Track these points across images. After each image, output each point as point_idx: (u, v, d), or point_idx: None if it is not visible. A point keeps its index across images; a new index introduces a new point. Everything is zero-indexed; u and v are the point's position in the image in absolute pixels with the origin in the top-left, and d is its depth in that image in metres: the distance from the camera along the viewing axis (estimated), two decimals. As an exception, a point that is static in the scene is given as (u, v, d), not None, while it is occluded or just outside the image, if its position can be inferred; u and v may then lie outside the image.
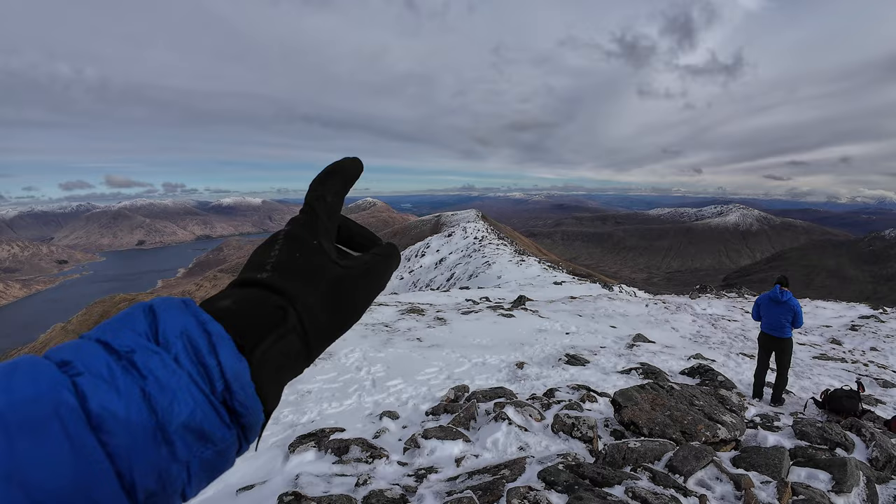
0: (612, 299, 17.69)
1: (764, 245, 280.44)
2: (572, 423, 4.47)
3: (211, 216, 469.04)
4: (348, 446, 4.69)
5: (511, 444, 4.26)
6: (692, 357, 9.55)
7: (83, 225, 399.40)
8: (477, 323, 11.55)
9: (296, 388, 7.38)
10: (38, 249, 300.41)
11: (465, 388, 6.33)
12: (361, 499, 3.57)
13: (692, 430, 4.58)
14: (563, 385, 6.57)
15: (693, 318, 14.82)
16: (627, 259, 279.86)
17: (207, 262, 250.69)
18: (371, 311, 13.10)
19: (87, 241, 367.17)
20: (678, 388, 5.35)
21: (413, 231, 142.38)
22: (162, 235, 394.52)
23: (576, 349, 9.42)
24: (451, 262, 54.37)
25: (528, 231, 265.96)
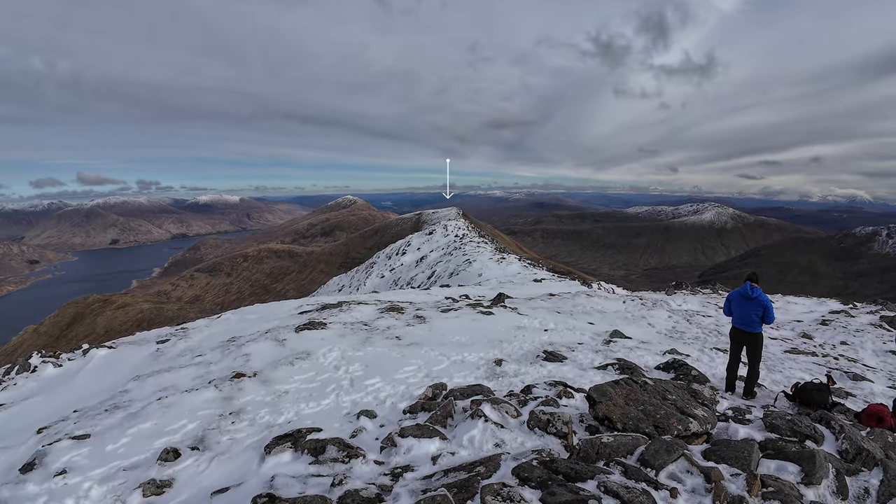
0: (591, 296, 17.91)
1: (738, 242, 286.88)
2: (547, 419, 4.53)
3: (187, 214, 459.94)
4: (325, 446, 4.68)
5: (487, 441, 4.30)
6: (667, 352, 9.74)
7: (55, 224, 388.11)
8: (456, 321, 11.59)
9: (273, 388, 7.32)
10: (9, 249, 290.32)
11: (442, 386, 6.36)
12: (336, 499, 3.58)
13: (665, 424, 4.67)
14: (541, 381, 6.66)
15: (669, 315, 15.09)
16: (606, 256, 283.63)
17: (184, 261, 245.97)
18: (350, 310, 13.05)
19: (58, 240, 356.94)
20: (652, 383, 5.46)
21: (393, 229, 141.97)
22: (136, 234, 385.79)
23: (554, 346, 9.53)
24: (432, 260, 54.39)
25: (509, 229, 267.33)
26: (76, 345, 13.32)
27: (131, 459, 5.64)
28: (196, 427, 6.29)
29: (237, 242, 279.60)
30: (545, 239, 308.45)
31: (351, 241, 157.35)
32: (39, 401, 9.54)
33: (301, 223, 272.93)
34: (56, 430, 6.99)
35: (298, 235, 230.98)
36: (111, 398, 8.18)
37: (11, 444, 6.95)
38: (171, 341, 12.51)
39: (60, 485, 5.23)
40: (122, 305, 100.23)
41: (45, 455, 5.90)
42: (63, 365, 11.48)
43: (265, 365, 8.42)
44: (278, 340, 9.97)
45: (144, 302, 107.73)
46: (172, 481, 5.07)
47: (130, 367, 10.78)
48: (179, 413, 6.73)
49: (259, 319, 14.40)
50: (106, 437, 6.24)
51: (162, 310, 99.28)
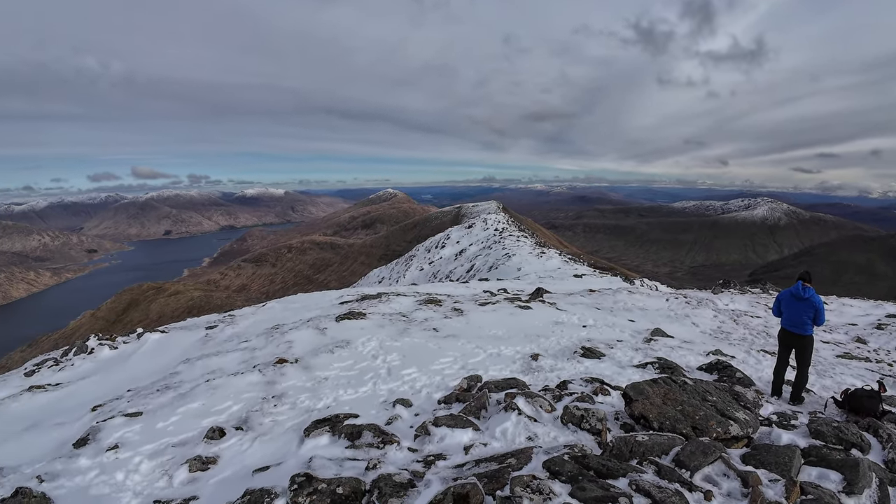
0: (633, 293, 17.52)
1: (792, 240, 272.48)
2: (581, 414, 4.50)
3: (235, 207, 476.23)
4: (361, 432, 4.81)
5: (520, 434, 4.32)
6: (711, 353, 9.44)
7: (112, 215, 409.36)
8: (494, 314, 11.60)
9: (313, 374, 7.56)
10: (69, 239, 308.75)
11: (478, 378, 6.41)
12: (370, 482, 3.68)
13: (703, 425, 4.56)
14: (577, 378, 6.59)
15: (714, 314, 14.60)
16: (650, 252, 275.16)
17: (231, 251, 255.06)
18: (389, 302, 13.25)
19: (115, 230, 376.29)
20: (691, 384, 5.32)
21: (433, 222, 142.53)
22: (188, 225, 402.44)
23: (592, 342, 9.40)
24: (471, 253, 54.35)
25: (549, 223, 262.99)
26: (131, 329, 14.07)
27: (180, 436, 5.94)
28: (240, 408, 6.57)
29: (282, 234, 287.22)
30: (587, 234, 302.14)
31: (391, 234, 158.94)
32: (95, 380, 10.15)
33: (343, 216, 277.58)
34: (110, 407, 7.43)
35: (340, 228, 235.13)
36: (163, 379, 8.62)
37: (66, 420, 7.43)
38: (219, 327, 13.05)
39: (112, 459, 5.55)
40: (173, 293, 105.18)
41: (99, 431, 6.27)
42: (118, 347, 12.16)
43: (306, 352, 8.69)
44: (319, 329, 10.25)
45: (195, 290, 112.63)
46: (217, 458, 5.32)
47: (181, 350, 11.31)
48: (225, 395, 7.04)
49: (301, 308, 14.82)
50: (157, 415, 6.60)
51: (211, 297, 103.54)
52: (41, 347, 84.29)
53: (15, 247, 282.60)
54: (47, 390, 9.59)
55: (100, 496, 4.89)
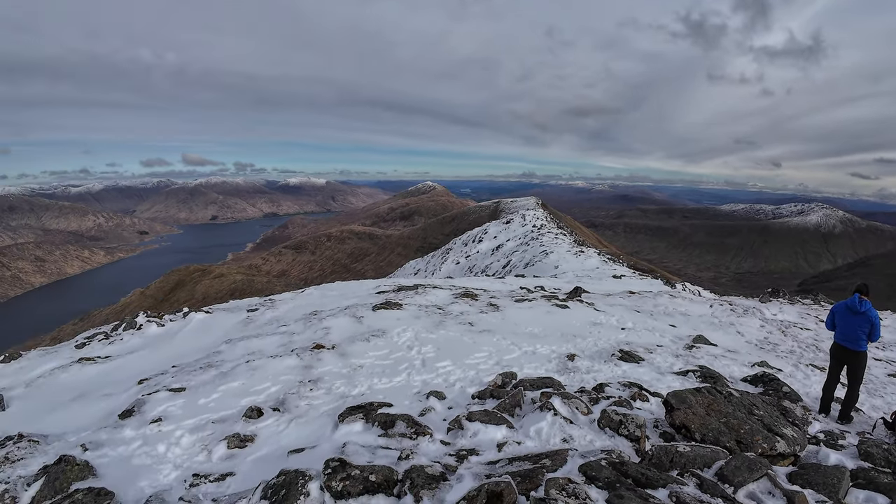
0: (674, 297, 17.00)
1: (846, 249, 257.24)
2: (620, 420, 4.38)
3: (278, 195, 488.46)
4: (394, 421, 4.83)
5: (555, 435, 4.24)
6: (756, 364, 9.06)
7: (163, 199, 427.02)
8: (530, 311, 11.47)
9: (349, 361, 7.66)
10: (122, 221, 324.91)
11: (512, 375, 6.35)
12: (403, 472, 3.69)
13: (748, 440, 4.37)
14: (614, 381, 6.44)
15: (761, 324, 14.00)
16: (694, 256, 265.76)
17: (273, 238, 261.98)
18: (425, 294, 13.29)
19: (165, 214, 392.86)
20: (737, 395, 5.11)
21: (471, 216, 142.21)
22: (233, 212, 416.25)
23: (630, 346, 9.17)
24: (508, 249, 54.03)
25: (589, 221, 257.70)
26: (177, 308, 14.61)
27: (220, 413, 6.12)
28: (278, 390, 6.72)
29: (322, 223, 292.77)
30: (627, 234, 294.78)
31: (429, 227, 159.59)
32: (143, 355, 10.56)
33: (382, 207, 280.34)
34: (155, 382, 7.72)
35: (379, 219, 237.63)
36: (206, 357, 8.91)
37: (114, 392, 7.75)
38: (260, 311, 13.39)
39: (155, 431, 5.74)
40: (218, 275, 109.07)
41: (144, 404, 6.52)
42: (165, 325, 12.65)
43: (343, 339, 8.82)
44: (356, 317, 10.38)
45: (238, 273, 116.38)
46: (254, 437, 5.45)
47: (223, 331, 11.67)
48: (264, 376, 7.22)
49: (339, 296, 15.06)
50: (199, 392, 6.81)
51: (252, 281, 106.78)
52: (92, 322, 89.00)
53: (71, 226, 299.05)
54: (97, 362, 10.05)
55: (141, 466, 5.07)
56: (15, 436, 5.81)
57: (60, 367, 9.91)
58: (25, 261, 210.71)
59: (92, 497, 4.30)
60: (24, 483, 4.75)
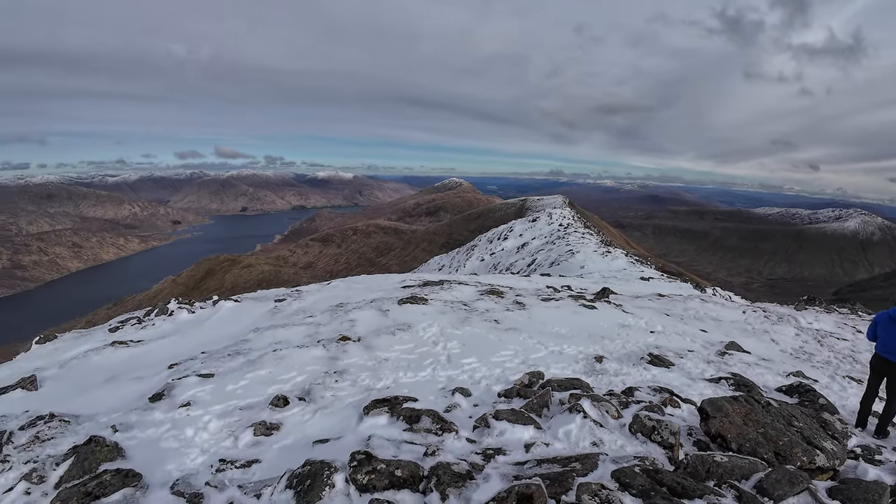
0: (705, 301, 16.56)
1: (885, 258, 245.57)
2: (653, 425, 4.24)
3: (306, 188, 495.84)
4: (420, 416, 4.79)
5: (584, 438, 4.13)
6: (791, 374, 8.72)
7: (195, 190, 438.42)
8: (557, 311, 11.29)
9: (374, 354, 7.66)
10: (156, 210, 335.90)
11: (539, 375, 6.24)
12: (429, 468, 3.64)
13: (787, 452, 4.19)
14: (644, 385, 6.27)
15: (797, 332, 13.51)
16: (725, 260, 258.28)
17: (301, 230, 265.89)
18: (451, 289, 13.24)
19: (198, 204, 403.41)
20: (776, 406, 4.91)
21: (497, 213, 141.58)
22: (262, 204, 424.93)
23: (660, 349, 8.93)
24: (534, 247, 53.59)
25: (617, 221, 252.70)
26: (207, 296, 14.90)
27: (247, 400, 6.18)
28: (304, 380, 6.76)
29: (348, 216, 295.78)
30: (656, 235, 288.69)
31: (454, 223, 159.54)
32: (173, 341, 10.78)
33: (408, 202, 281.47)
34: (185, 367, 7.84)
35: (404, 214, 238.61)
36: (234, 345, 9.03)
37: (144, 375, 7.91)
38: (287, 301, 13.54)
39: (184, 415, 5.83)
40: (246, 265, 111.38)
41: (174, 388, 6.62)
42: (196, 312, 12.90)
43: (368, 332, 8.83)
44: (382, 311, 10.40)
45: (265, 264, 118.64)
46: (280, 425, 5.48)
47: (251, 319, 11.83)
48: (290, 365, 7.27)
49: (365, 289, 15.13)
50: (227, 378, 6.90)
51: (280, 272, 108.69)
52: (126, 306, 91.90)
53: (108, 214, 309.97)
54: (129, 346, 10.30)
55: (169, 450, 5.15)
56: (46, 415, 5.96)
57: (94, 349, 10.18)
58: (63, 246, 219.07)
59: (120, 478, 4.36)
60: (52, 462, 4.84)
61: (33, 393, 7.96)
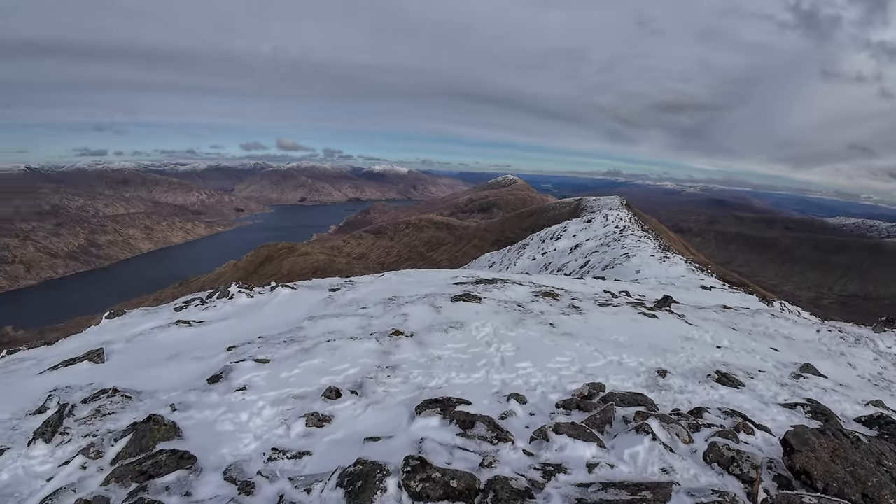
0: (775, 317, 15.48)
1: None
2: (732, 456, 3.87)
3: (362, 181, 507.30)
4: (474, 422, 4.63)
5: (653, 463, 3.82)
6: (871, 403, 7.94)
7: (258, 180, 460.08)
8: (614, 317, 10.81)
9: (427, 351, 7.56)
10: (221, 198, 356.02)
11: (600, 387, 5.91)
12: (485, 481, 3.47)
13: (876, 495, 3.72)
14: (713, 406, 5.82)
15: (875, 357, 12.37)
16: (793, 272, 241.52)
17: (355, 222, 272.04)
18: (505, 289, 12.99)
19: (260, 194, 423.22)
20: (866, 442, 4.42)
21: (550, 212, 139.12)
22: (320, 195, 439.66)
23: (728, 367, 8.33)
24: (588, 248, 52.26)
25: (677, 226, 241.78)
26: (265, 282, 15.33)
27: (300, 389, 6.21)
28: (356, 373, 6.74)
29: (402, 210, 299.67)
30: (719, 242, 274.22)
31: (506, 220, 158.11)
32: (232, 323, 11.11)
33: (461, 198, 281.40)
34: (242, 350, 8.02)
35: (457, 209, 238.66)
36: (289, 332, 9.18)
37: (205, 355, 8.13)
38: (341, 291, 13.71)
39: (239, 399, 5.92)
40: (302, 253, 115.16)
41: (231, 371, 6.76)
42: (254, 297, 13.27)
43: (421, 328, 8.75)
44: (434, 307, 10.30)
45: (320, 253, 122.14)
46: (332, 418, 5.45)
47: (306, 307, 12.04)
48: (343, 357, 7.27)
49: (417, 283, 15.12)
50: (282, 365, 6.98)
51: (334, 262, 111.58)
52: (190, 287, 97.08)
53: (178, 200, 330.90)
54: (192, 326, 10.70)
55: (223, 433, 5.22)
56: (109, 390, 6.19)
57: (159, 326, 10.64)
58: (136, 228, 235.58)
59: (175, 459, 4.43)
60: (111, 438, 4.98)
61: (99, 366, 8.38)
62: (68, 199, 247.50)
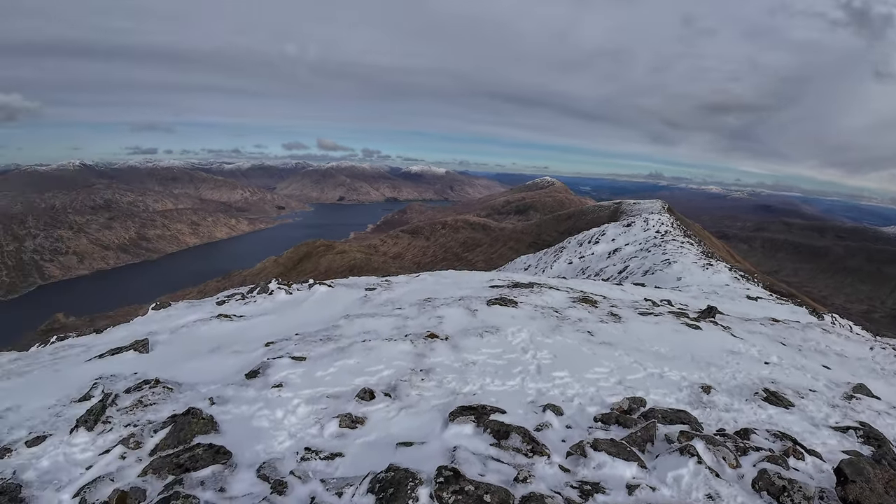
0: (827, 332, 14.68)
1: None
2: (783, 485, 3.63)
3: (399, 181, 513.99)
4: (509, 433, 4.52)
5: (698, 489, 3.62)
6: (928, 430, 7.38)
7: (299, 179, 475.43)
8: (656, 327, 10.43)
9: (461, 356, 7.47)
10: (264, 196, 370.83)
11: (641, 402, 5.68)
12: (520, 497, 3.36)
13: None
14: (761, 427, 5.51)
15: (935, 378, 11.57)
16: (844, 284, 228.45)
17: (392, 221, 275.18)
18: (541, 293, 12.78)
19: (300, 192, 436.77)
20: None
21: (589, 216, 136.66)
22: (358, 194, 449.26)
23: (777, 385, 7.89)
24: (626, 254, 51.04)
25: (721, 232, 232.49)
26: (303, 279, 15.59)
27: (334, 389, 6.21)
28: (390, 375, 6.70)
29: (438, 210, 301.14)
30: (766, 250, 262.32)
31: (543, 223, 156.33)
32: (271, 319, 11.31)
33: (498, 199, 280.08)
34: (279, 347, 8.12)
35: (493, 211, 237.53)
36: (325, 330, 9.25)
37: (243, 350, 8.28)
38: (377, 290, 13.79)
39: (275, 395, 5.97)
40: (340, 251, 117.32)
41: (269, 367, 6.84)
42: (293, 293, 13.50)
43: (456, 331, 8.66)
44: (470, 310, 10.20)
45: (357, 251, 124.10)
46: (365, 420, 5.42)
47: (343, 306, 12.15)
48: (378, 358, 7.26)
49: (452, 285, 15.06)
50: (317, 364, 7.01)
51: (370, 260, 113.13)
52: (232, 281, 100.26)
53: (223, 198, 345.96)
54: (232, 320, 10.95)
55: (259, 429, 5.26)
56: (152, 380, 6.35)
57: (201, 319, 10.93)
58: (183, 223, 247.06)
59: (212, 454, 4.48)
60: (151, 429, 5.09)
61: (144, 356, 8.66)
62: (120, 195, 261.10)
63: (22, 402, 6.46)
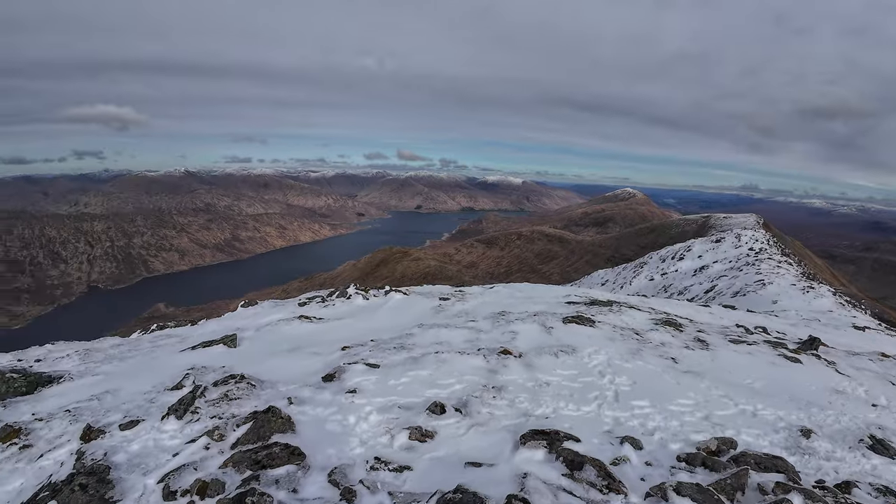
0: (954, 373, 12.84)
1: None
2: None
3: (475, 191, 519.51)
4: (583, 464, 4.29)
5: (796, 550, 3.24)
6: None
7: (378, 188, 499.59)
8: (748, 357, 9.57)
9: (534, 375, 7.26)
10: (345, 203, 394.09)
11: (731, 443, 5.18)
12: (594, 539, 3.17)
13: None
14: (864, 481, 4.86)
15: None
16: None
17: (468, 230, 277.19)
18: (621, 313, 12.21)
19: (379, 200, 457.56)
20: None
21: (673, 230, 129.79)
22: (435, 203, 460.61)
23: (884, 431, 6.90)
24: (714, 272, 47.78)
25: (825, 251, 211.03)
26: (380, 284, 16.01)
27: (406, 399, 6.22)
28: (461, 390, 6.62)
29: (514, 221, 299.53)
30: (876, 272, 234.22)
31: (623, 236, 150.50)
32: (348, 323, 11.67)
33: (575, 211, 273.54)
34: (355, 352, 8.31)
35: (570, 222, 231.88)
36: (399, 338, 9.38)
37: (321, 352, 8.55)
38: (451, 300, 13.83)
39: (349, 401, 6.08)
40: (415, 259, 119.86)
41: (344, 372, 7.01)
42: (369, 299, 13.87)
43: (530, 348, 8.44)
44: (545, 327, 9.93)
45: (432, 259, 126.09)
46: (434, 434, 5.37)
47: (416, 314, 12.29)
48: (450, 371, 7.22)
49: (526, 299, 14.78)
50: (391, 372, 7.09)
51: (444, 268, 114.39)
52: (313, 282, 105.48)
53: (308, 204, 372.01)
54: (312, 322, 11.40)
55: (332, 433, 5.36)
56: (238, 375, 6.69)
57: (284, 319, 11.49)
58: (271, 227, 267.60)
59: (287, 454, 4.63)
60: (234, 423, 5.35)
61: (232, 350, 9.23)
62: (218, 199, 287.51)
63: (120, 387, 7.08)
